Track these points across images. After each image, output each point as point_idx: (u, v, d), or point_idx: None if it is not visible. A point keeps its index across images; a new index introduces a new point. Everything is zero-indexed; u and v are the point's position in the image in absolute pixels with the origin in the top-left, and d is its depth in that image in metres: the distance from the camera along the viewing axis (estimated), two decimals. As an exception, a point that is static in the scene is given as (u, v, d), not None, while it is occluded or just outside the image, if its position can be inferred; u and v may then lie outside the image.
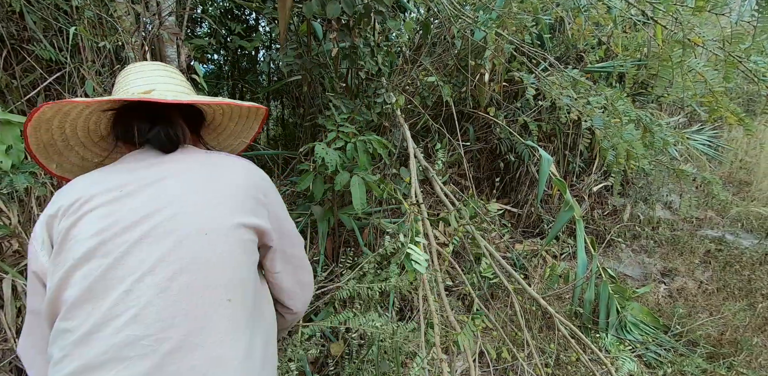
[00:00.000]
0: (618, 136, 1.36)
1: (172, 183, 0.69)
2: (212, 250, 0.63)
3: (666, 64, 1.08)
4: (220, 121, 0.94)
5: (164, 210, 0.64)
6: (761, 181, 4.33)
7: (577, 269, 2.10)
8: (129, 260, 0.60)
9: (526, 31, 1.71)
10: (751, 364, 1.99)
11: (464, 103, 2.75)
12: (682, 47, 1.02)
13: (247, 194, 0.72)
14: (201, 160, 0.76)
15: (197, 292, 0.60)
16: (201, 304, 0.60)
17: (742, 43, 0.93)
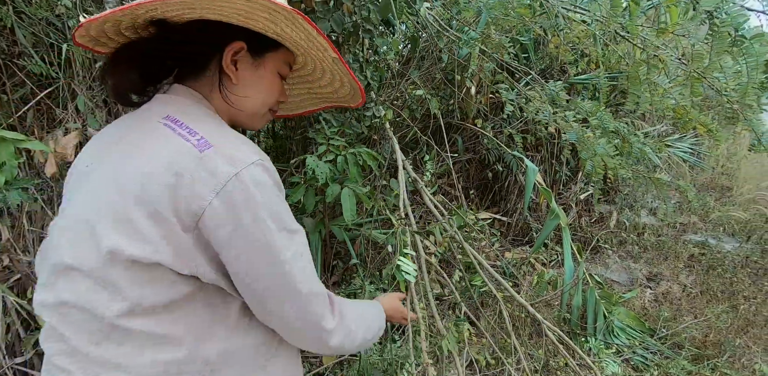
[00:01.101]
0: (591, 149, 1.43)
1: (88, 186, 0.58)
2: None
3: (634, 81, 1.16)
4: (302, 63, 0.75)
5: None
6: (742, 186, 4.47)
7: (565, 276, 2.16)
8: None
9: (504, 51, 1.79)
10: (735, 365, 2.04)
11: (452, 115, 2.82)
12: (646, 65, 1.09)
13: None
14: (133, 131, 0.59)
15: None
16: None
17: (702, 62, 1.00)
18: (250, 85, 0.65)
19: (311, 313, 0.60)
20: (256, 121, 0.71)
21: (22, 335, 1.54)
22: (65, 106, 2.06)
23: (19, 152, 1.82)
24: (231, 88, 0.64)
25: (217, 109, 0.65)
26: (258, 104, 0.68)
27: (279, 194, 0.59)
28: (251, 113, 0.68)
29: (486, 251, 2.76)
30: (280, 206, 0.58)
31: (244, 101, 0.65)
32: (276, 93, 0.70)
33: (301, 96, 0.86)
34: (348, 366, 1.75)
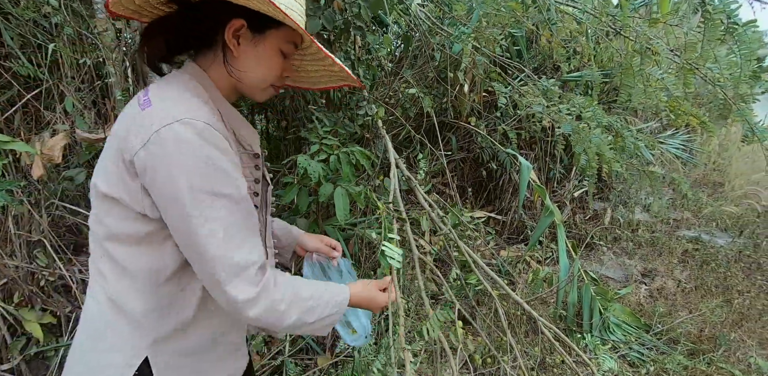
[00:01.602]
0: (587, 140, 1.43)
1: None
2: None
3: (627, 73, 1.15)
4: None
5: None
6: (733, 182, 4.50)
7: (560, 273, 2.15)
8: None
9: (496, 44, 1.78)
10: (730, 359, 2.05)
11: (445, 113, 2.82)
12: (640, 56, 1.08)
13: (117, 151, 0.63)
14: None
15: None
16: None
17: (694, 51, 1.00)
18: (250, 60, 0.69)
19: (214, 278, 0.61)
20: (257, 94, 0.75)
21: (9, 341, 1.51)
22: (53, 108, 2.03)
23: (5, 154, 1.79)
24: (233, 62, 0.69)
25: (218, 80, 0.71)
26: (257, 79, 0.72)
27: (209, 155, 0.59)
28: (251, 86, 0.73)
29: (481, 250, 2.75)
30: (203, 167, 0.59)
31: (244, 75, 0.70)
32: (276, 70, 0.72)
33: (319, 72, 0.88)
34: (342, 366, 1.73)
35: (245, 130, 0.75)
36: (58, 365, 1.50)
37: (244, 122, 0.76)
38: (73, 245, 2.00)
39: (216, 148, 0.60)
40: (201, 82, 0.69)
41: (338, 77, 0.86)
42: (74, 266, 1.80)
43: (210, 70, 0.71)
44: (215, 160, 0.60)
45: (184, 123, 0.59)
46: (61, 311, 1.63)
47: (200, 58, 0.71)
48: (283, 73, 0.74)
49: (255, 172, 0.77)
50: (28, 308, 1.58)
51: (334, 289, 0.76)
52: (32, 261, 1.70)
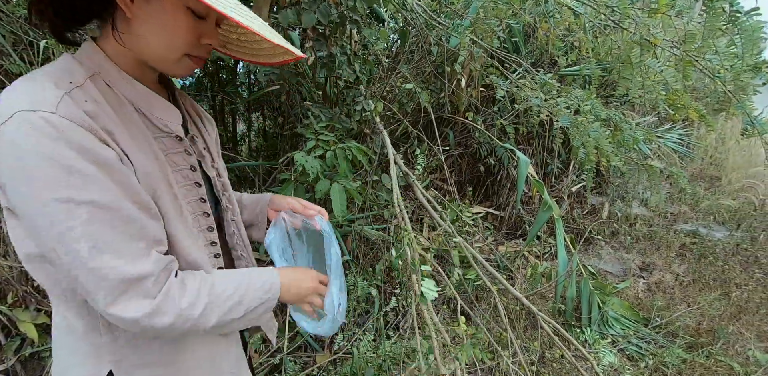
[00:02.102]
0: (585, 133, 1.41)
1: None
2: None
3: (627, 65, 1.14)
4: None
5: None
6: (729, 175, 4.51)
7: (559, 268, 2.15)
8: None
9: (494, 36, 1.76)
10: (728, 351, 2.06)
11: (443, 108, 2.80)
12: (639, 48, 1.07)
13: None
14: None
15: None
16: None
17: (694, 42, 0.98)
18: (147, 22, 0.55)
19: (94, 300, 0.52)
20: (172, 67, 0.60)
21: (3, 342, 1.49)
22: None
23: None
24: (126, 26, 0.56)
25: (117, 55, 0.58)
26: (161, 47, 0.57)
27: (54, 155, 0.47)
28: (157, 57, 0.58)
29: (479, 245, 2.75)
30: (49, 170, 0.47)
31: (141, 42, 0.57)
32: (184, 35, 0.57)
33: (262, 43, 0.72)
34: (341, 364, 1.72)
35: (160, 108, 0.62)
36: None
37: (158, 100, 0.62)
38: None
39: (66, 145, 0.48)
40: (82, 60, 0.57)
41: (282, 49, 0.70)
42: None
43: (107, 45, 0.58)
44: (65, 159, 0.48)
45: (20, 118, 0.47)
46: (56, 311, 1.61)
47: (103, 32, 0.59)
48: (200, 39, 0.59)
49: (187, 157, 0.66)
50: (23, 308, 1.56)
51: (259, 275, 0.66)
52: (26, 261, 1.68)
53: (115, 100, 0.56)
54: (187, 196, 0.65)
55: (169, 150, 0.63)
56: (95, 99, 0.53)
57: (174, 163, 0.64)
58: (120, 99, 0.57)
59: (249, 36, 0.73)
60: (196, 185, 0.67)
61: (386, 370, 1.63)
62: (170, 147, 0.63)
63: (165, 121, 0.62)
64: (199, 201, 0.68)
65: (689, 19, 0.97)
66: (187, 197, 0.65)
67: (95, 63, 0.57)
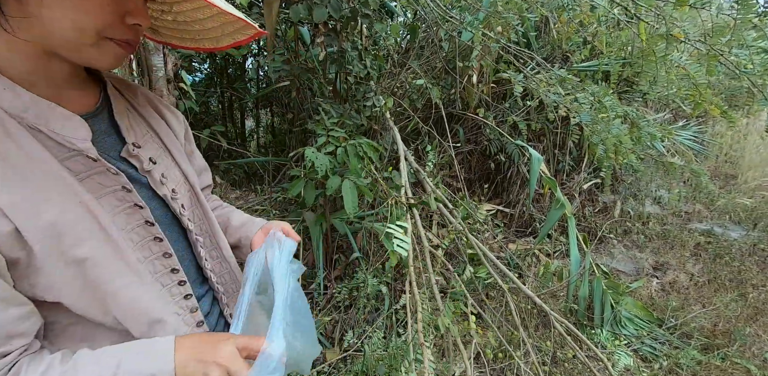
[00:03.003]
0: (606, 130, 1.38)
1: None
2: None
3: (650, 59, 1.10)
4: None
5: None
6: (746, 174, 4.42)
7: (571, 266, 2.12)
8: None
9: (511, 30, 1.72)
10: (745, 353, 2.01)
11: (453, 105, 2.77)
12: (665, 41, 1.03)
13: None
14: None
15: None
16: None
17: (723, 36, 0.95)
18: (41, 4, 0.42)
19: None
20: (89, 55, 0.47)
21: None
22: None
23: None
24: (18, 9, 0.42)
25: (11, 50, 0.45)
26: (69, 28, 0.43)
27: None
28: (67, 43, 0.45)
29: (490, 243, 2.72)
30: None
31: (43, 26, 0.43)
32: (96, 9, 0.44)
33: (218, 18, 0.59)
34: (352, 361, 1.72)
35: (58, 120, 0.48)
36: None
37: (53, 110, 0.47)
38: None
39: None
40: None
41: (239, 25, 0.59)
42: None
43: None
44: None
45: None
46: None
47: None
48: (124, 18, 0.47)
49: (115, 177, 0.52)
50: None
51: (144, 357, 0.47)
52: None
53: None
54: (126, 223, 0.53)
55: (88, 171, 0.50)
56: None
57: (99, 185, 0.51)
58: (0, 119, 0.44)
59: (189, 15, 0.59)
60: (137, 208, 0.54)
61: (397, 368, 1.62)
62: (88, 167, 0.50)
63: (67, 137, 0.48)
64: (145, 225, 0.55)
65: (718, 11, 0.93)
66: (128, 224, 0.53)
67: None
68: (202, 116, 3.24)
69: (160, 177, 0.58)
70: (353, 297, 1.94)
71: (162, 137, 0.62)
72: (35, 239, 0.44)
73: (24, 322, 0.45)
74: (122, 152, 0.56)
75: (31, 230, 0.43)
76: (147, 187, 0.57)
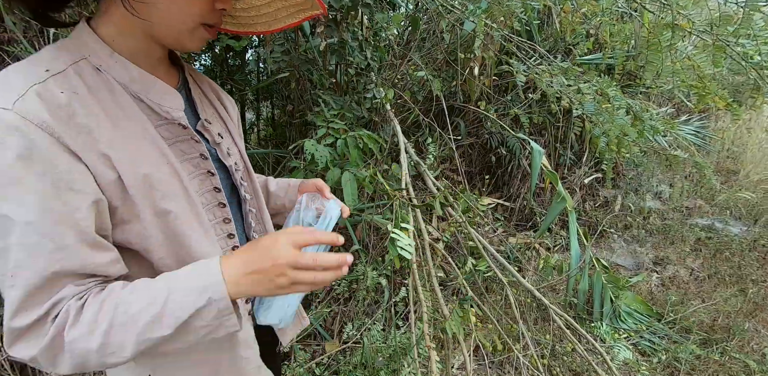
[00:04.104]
0: (610, 121, 1.36)
1: None
2: None
3: (655, 49, 1.08)
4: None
5: None
6: (748, 169, 4.40)
7: (571, 260, 2.11)
8: None
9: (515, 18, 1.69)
10: (744, 348, 2.02)
11: (455, 97, 2.75)
12: (671, 30, 1.01)
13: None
14: None
15: None
16: None
17: (729, 25, 0.93)
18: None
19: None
20: (185, 39, 0.54)
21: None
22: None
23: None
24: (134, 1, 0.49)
25: (113, 35, 0.52)
26: (174, 13, 0.51)
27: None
28: (170, 28, 0.53)
29: (490, 237, 2.72)
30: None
31: (154, 11, 0.50)
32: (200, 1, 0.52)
33: (271, 5, 0.66)
34: (351, 353, 1.72)
35: (158, 93, 0.56)
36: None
37: (156, 84, 0.56)
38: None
39: (5, 147, 0.43)
40: (68, 46, 0.51)
41: (296, 7, 0.66)
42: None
43: (104, 26, 0.52)
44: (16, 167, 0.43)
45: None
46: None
47: (98, 12, 0.53)
48: (214, 4, 0.54)
49: (196, 145, 0.60)
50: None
51: (187, 274, 0.49)
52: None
53: (104, 88, 0.51)
54: (200, 187, 0.61)
55: (175, 138, 0.58)
56: (75, 89, 0.48)
57: (182, 152, 0.58)
58: (111, 85, 0.52)
59: (248, 1, 0.66)
60: (209, 174, 0.62)
61: (396, 360, 1.63)
62: (175, 135, 0.58)
63: (165, 107, 0.56)
64: (213, 191, 0.62)
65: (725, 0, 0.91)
66: (201, 188, 0.61)
67: (84, 46, 0.51)
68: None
69: (226, 150, 0.66)
70: (353, 289, 1.94)
71: (223, 118, 0.70)
72: (134, 188, 0.50)
73: (114, 265, 0.51)
74: (197, 126, 0.63)
75: (132, 180, 0.50)
76: (215, 158, 0.64)
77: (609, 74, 2.84)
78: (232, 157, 0.67)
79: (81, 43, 0.51)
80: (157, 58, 0.58)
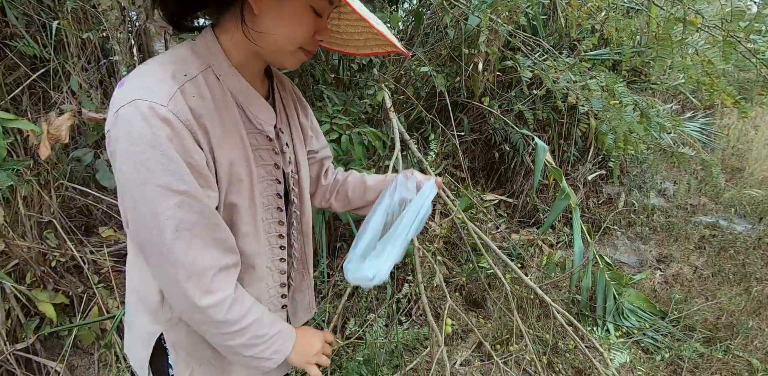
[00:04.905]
0: (618, 118, 1.35)
1: None
2: None
3: (665, 44, 1.06)
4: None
5: None
6: (753, 167, 4.37)
7: (574, 257, 2.10)
8: None
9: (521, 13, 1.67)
10: (747, 347, 2.01)
11: (458, 93, 2.73)
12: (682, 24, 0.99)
13: None
14: None
15: None
16: None
17: (742, 20, 0.91)
18: (273, 18, 0.59)
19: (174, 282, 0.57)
20: (286, 60, 0.64)
21: (23, 321, 1.52)
22: (59, 88, 2.00)
23: (12, 134, 1.76)
24: (253, 23, 0.59)
25: (231, 47, 0.63)
26: (281, 40, 0.61)
27: (158, 145, 0.52)
28: (276, 50, 0.62)
29: (492, 233, 2.71)
30: (153, 157, 0.52)
31: (266, 37, 0.60)
32: (305, 29, 0.61)
33: (362, 35, 0.75)
34: (354, 349, 1.72)
35: (257, 106, 0.66)
36: (72, 344, 1.52)
37: (257, 98, 0.66)
38: (84, 226, 2.00)
39: (169, 138, 0.52)
40: (199, 51, 0.61)
41: (383, 42, 0.74)
42: (85, 247, 1.80)
43: (224, 35, 0.62)
44: (168, 150, 0.52)
45: (133, 105, 0.52)
46: (73, 292, 1.63)
47: (220, 22, 0.63)
48: (315, 34, 0.63)
49: (273, 156, 0.70)
50: (41, 288, 1.58)
51: (280, 324, 0.69)
52: (43, 242, 1.70)
53: (220, 94, 0.61)
54: (265, 190, 0.70)
55: (259, 146, 0.68)
56: (202, 94, 0.58)
57: (260, 158, 0.68)
58: (225, 93, 0.61)
59: (342, 27, 0.76)
60: (276, 182, 0.72)
61: (398, 356, 1.63)
62: (260, 143, 0.68)
63: (260, 120, 0.66)
64: (275, 196, 0.72)
65: (737, -6, 0.90)
66: (265, 191, 0.70)
67: (211, 55, 0.61)
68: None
69: (289, 158, 0.74)
70: (356, 285, 1.94)
71: (292, 130, 0.76)
72: (222, 181, 0.60)
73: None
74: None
75: (222, 174, 0.60)
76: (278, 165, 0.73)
77: (614, 70, 2.81)
78: (290, 165, 0.75)
79: (209, 52, 0.61)
80: (256, 72, 0.68)
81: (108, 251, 1.80)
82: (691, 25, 0.99)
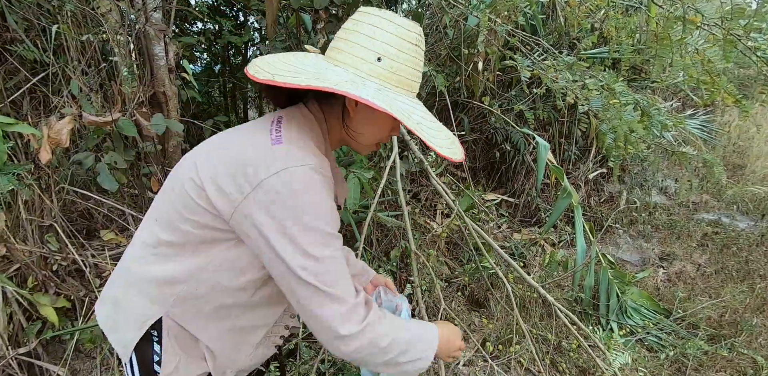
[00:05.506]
0: (618, 117, 1.34)
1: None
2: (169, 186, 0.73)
3: (665, 43, 1.06)
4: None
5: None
6: (754, 164, 4.36)
7: (577, 256, 2.10)
8: None
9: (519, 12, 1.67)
10: (752, 344, 2.00)
11: (458, 93, 2.72)
12: (682, 24, 0.99)
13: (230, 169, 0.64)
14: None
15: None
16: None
17: (742, 18, 0.91)
18: (364, 121, 0.74)
19: (324, 314, 0.63)
20: (363, 150, 0.81)
21: (25, 326, 1.52)
22: (60, 93, 2.00)
23: (13, 139, 1.76)
24: (349, 122, 0.74)
25: (331, 130, 0.77)
26: (368, 140, 0.77)
27: (322, 198, 0.63)
28: (360, 142, 0.78)
29: (494, 233, 2.71)
30: (318, 208, 0.62)
31: (357, 136, 0.76)
32: (386, 132, 0.77)
33: None
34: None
35: (339, 184, 0.80)
36: (74, 348, 1.52)
37: (339, 177, 0.81)
38: (85, 229, 2.00)
39: (328, 193, 0.64)
40: (318, 128, 0.74)
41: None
42: (87, 251, 1.80)
43: (330, 121, 0.75)
44: (329, 202, 0.64)
45: (295, 170, 0.61)
46: (75, 295, 1.63)
47: (322, 102, 0.75)
48: (390, 132, 0.78)
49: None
50: (42, 292, 1.58)
51: (425, 328, 0.76)
52: (44, 246, 1.70)
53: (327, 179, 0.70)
54: None
55: None
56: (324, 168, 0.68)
57: None
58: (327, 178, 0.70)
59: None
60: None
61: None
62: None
63: (338, 195, 0.80)
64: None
65: (738, -9, 0.89)
66: None
67: (320, 132, 0.74)
68: (204, 106, 3.21)
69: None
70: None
71: None
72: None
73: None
74: None
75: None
76: None
77: (614, 68, 2.81)
78: None
79: (320, 130, 0.74)
80: (333, 149, 0.82)
81: (109, 254, 1.80)
82: (691, 23, 0.99)
